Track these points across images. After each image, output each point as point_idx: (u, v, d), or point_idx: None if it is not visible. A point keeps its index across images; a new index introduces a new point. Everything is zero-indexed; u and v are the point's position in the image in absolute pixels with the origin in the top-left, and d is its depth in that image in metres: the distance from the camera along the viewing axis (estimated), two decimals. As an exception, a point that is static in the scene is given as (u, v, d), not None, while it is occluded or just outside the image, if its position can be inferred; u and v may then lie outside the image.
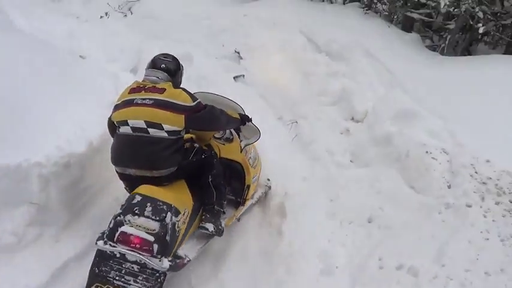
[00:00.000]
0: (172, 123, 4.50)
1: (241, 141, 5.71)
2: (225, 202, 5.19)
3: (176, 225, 4.26)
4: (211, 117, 4.79)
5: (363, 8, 11.02)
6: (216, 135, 5.54)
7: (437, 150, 5.99)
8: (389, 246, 5.01)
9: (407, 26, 10.95)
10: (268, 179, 6.20)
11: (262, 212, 5.95)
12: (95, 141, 5.33)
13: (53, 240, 4.75)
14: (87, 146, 5.20)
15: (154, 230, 4.09)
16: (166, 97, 4.53)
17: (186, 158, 4.74)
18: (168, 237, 4.14)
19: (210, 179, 4.92)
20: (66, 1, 11.94)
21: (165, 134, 4.50)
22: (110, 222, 4.14)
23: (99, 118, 5.59)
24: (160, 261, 4.08)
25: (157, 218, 4.12)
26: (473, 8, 9.04)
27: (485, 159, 5.87)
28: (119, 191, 5.26)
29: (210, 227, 4.86)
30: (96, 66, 7.66)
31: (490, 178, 5.61)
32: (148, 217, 4.11)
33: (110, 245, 4.09)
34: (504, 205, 5.26)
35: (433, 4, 9.49)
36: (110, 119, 4.83)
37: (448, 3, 9.16)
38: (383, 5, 11.92)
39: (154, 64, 4.84)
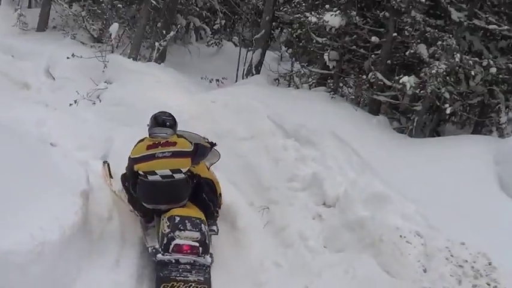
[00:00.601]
0: (186, 166, 6.40)
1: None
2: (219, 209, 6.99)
3: (207, 231, 6.14)
4: (203, 153, 6.82)
5: (329, 92, 11.13)
6: None
7: (411, 234, 5.96)
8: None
9: (374, 108, 11.06)
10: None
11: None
12: (68, 230, 5.24)
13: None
14: (60, 234, 5.11)
15: (197, 238, 5.98)
16: (179, 148, 6.35)
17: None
18: (206, 241, 6.07)
19: (204, 196, 6.71)
20: (35, 89, 11.99)
21: (183, 175, 6.39)
22: (163, 239, 5.97)
23: (71, 206, 5.59)
24: (204, 258, 5.99)
25: (197, 229, 6.02)
26: (439, 89, 9.19)
27: (460, 241, 5.86)
28: (92, 282, 5.46)
29: (215, 228, 6.66)
30: (67, 154, 7.59)
31: (466, 261, 5.59)
32: (190, 230, 5.99)
33: (167, 255, 5.91)
34: None
35: (399, 86, 9.61)
36: (131, 169, 6.40)
37: (413, 85, 9.31)
38: (349, 89, 12.09)
39: (160, 123, 6.48)
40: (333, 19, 10.58)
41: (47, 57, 13.62)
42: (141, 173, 6.29)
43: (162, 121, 6.47)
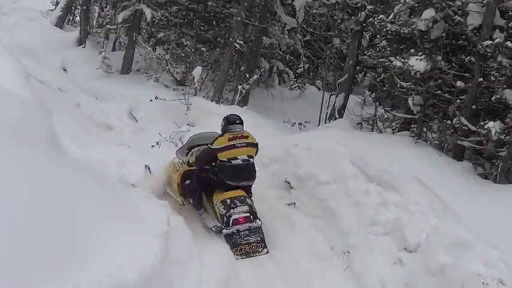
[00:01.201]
0: (255, 153, 8.42)
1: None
2: None
3: (252, 203, 7.95)
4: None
5: (413, 137, 11.07)
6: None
7: (493, 281, 5.82)
8: None
9: (458, 154, 10.92)
10: None
11: None
12: (146, 271, 5.33)
13: None
14: (139, 274, 5.20)
15: (247, 210, 7.78)
16: (250, 140, 8.34)
17: None
18: (253, 210, 7.85)
19: None
20: (118, 130, 12.36)
21: (253, 160, 8.37)
22: (223, 218, 7.71)
23: (151, 247, 5.71)
24: (256, 222, 7.77)
25: (244, 204, 7.83)
26: (524, 134, 9.02)
27: (544, 290, 5.68)
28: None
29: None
30: (148, 196, 7.82)
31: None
32: (240, 206, 7.78)
33: (229, 228, 7.66)
34: None
35: (484, 132, 9.49)
36: (214, 155, 8.14)
37: (499, 130, 9.17)
38: (433, 134, 11.98)
39: (233, 122, 8.38)
40: (418, 63, 10.58)
41: (130, 100, 14.07)
42: (224, 159, 8.10)
43: (234, 120, 8.42)
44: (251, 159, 8.29)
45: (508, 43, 9.47)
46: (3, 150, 5.14)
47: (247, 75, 14.46)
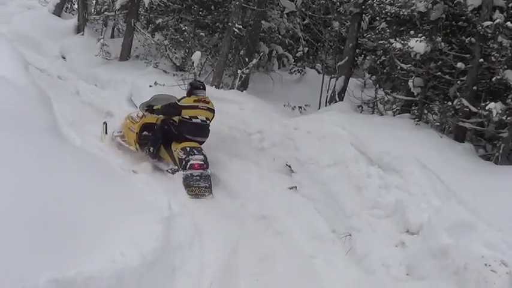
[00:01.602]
0: (211, 117, 9.79)
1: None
2: None
3: (205, 155, 9.16)
4: None
5: (414, 119, 11.03)
6: None
7: (496, 262, 5.83)
8: None
9: (459, 135, 10.87)
10: None
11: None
12: (148, 256, 5.36)
13: None
14: (141, 259, 5.22)
15: (202, 159, 9.03)
16: (210, 106, 9.75)
17: None
18: (207, 160, 9.08)
19: None
20: (118, 117, 12.31)
21: (209, 122, 9.78)
22: (181, 162, 9.01)
23: (152, 232, 5.74)
24: (207, 171, 8.96)
25: (201, 154, 9.10)
26: (527, 114, 8.98)
27: (547, 270, 5.68)
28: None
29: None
30: (149, 182, 7.82)
31: (553, 291, 5.42)
32: (197, 154, 9.06)
33: (186, 171, 8.89)
34: None
35: (485, 113, 9.44)
36: (179, 110, 9.53)
37: (500, 111, 9.14)
38: (434, 116, 11.93)
39: (199, 87, 9.90)
40: (417, 45, 10.52)
41: (130, 86, 14.05)
42: (186, 116, 9.50)
43: (198, 86, 9.98)
44: (208, 121, 9.72)
45: (508, 23, 9.38)
46: (2, 137, 5.13)
47: (247, 60, 14.37)
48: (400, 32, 11.94)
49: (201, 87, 9.93)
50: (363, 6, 13.42)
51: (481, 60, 10.13)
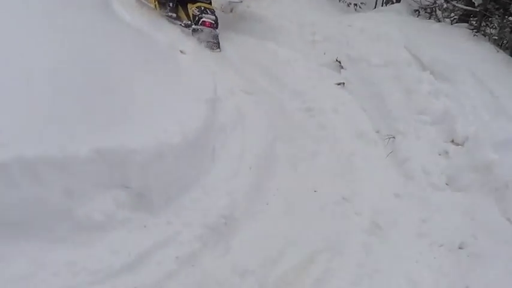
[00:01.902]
0: None
1: None
2: None
3: (217, 17, 9.58)
4: None
5: (472, 30, 10.70)
6: None
7: (540, 184, 5.76)
8: (478, 276, 4.88)
9: (516, 52, 10.56)
10: None
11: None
12: (190, 135, 5.42)
13: (140, 224, 4.79)
14: (182, 138, 5.29)
15: (214, 19, 9.47)
16: None
17: None
18: (217, 22, 9.54)
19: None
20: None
21: None
22: (194, 17, 9.47)
23: (196, 112, 5.77)
24: (216, 31, 9.47)
25: (213, 15, 9.54)
26: None
27: None
28: (207, 186, 5.56)
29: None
30: (197, 62, 7.76)
31: None
32: (210, 14, 9.50)
33: (197, 26, 9.41)
34: None
35: (544, 31, 9.14)
36: None
37: (558, 28, 8.84)
38: (492, 29, 11.56)
39: None
40: (482, -47, 10.11)
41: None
42: None
43: None
44: None
45: None
46: (54, 12, 5.14)
47: None
48: None
49: None
50: None
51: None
